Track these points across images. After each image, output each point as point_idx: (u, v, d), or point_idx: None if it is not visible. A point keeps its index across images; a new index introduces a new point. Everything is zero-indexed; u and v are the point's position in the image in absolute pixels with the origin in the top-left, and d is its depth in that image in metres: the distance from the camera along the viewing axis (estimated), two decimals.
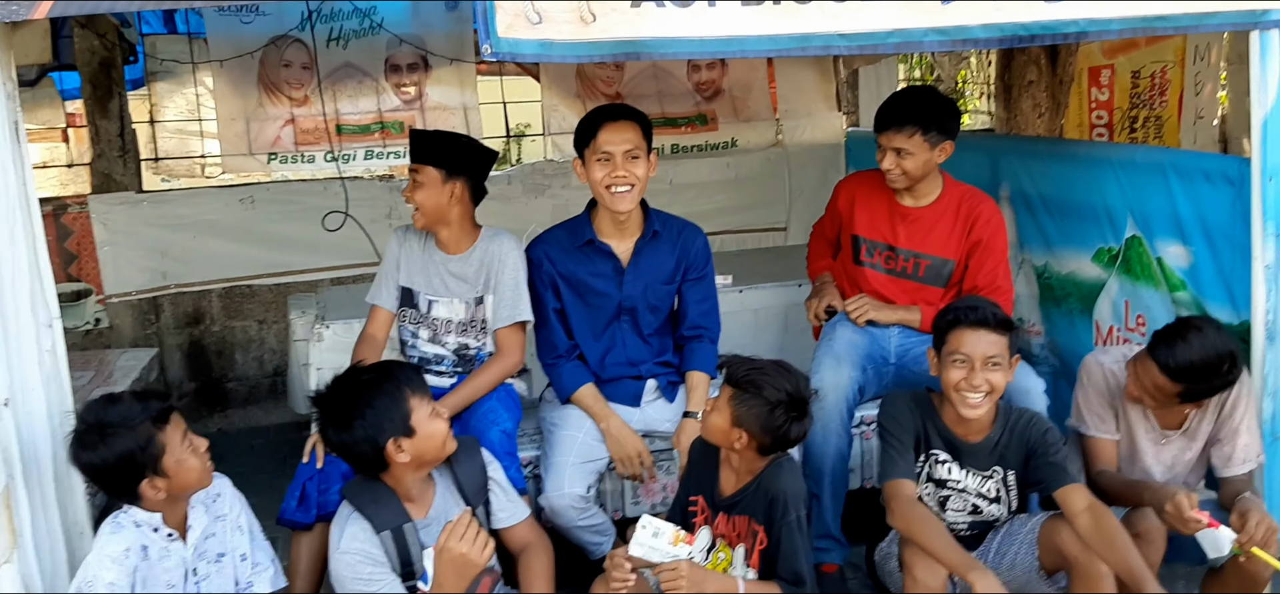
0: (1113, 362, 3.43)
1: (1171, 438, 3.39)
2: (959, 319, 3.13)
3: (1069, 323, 4.33)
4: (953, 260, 3.80)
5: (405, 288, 3.68)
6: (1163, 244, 3.78)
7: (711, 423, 3.01)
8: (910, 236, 3.82)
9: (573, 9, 2.66)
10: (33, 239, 2.76)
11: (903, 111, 3.67)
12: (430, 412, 2.89)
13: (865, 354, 3.75)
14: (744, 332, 4.44)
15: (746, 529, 3.03)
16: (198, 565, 2.80)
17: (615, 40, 2.70)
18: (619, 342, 3.66)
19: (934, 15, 2.89)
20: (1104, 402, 3.41)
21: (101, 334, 5.79)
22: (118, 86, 5.84)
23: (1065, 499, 3.04)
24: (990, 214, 3.81)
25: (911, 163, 3.67)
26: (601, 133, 3.44)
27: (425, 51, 6.14)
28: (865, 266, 3.90)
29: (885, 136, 3.69)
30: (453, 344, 3.65)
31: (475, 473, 3.06)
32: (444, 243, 3.63)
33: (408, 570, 2.88)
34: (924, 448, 3.23)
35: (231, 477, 4.97)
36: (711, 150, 6.75)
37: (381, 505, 2.90)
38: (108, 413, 2.62)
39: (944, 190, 3.81)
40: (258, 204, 5.92)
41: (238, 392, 6.18)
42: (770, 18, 2.81)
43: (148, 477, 2.62)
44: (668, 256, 3.65)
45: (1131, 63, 6.98)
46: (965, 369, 3.09)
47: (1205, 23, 3.06)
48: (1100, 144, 5.81)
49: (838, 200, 4.07)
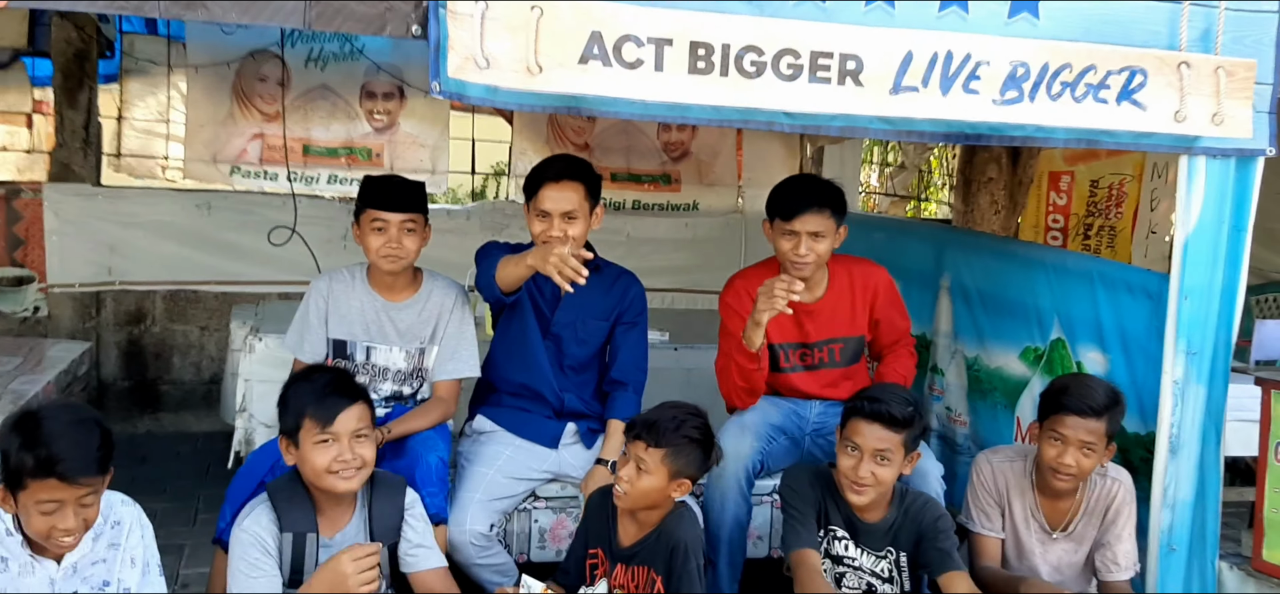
0: (1002, 461, 3.50)
1: (1058, 539, 3.45)
2: (857, 408, 3.18)
3: (992, 416, 4.39)
4: (863, 335, 3.85)
5: (336, 340, 3.62)
6: (1084, 349, 3.85)
7: (643, 488, 3.00)
8: (819, 327, 3.81)
9: (520, 59, 2.68)
10: None
11: (815, 194, 3.60)
12: (319, 441, 2.86)
13: (776, 427, 3.78)
14: (675, 390, 4.41)
15: (645, 579, 3.05)
16: (79, 588, 2.70)
17: (559, 94, 2.73)
18: (540, 365, 3.67)
19: (881, 104, 2.89)
20: (991, 499, 3.48)
21: (39, 323, 5.77)
22: (89, 79, 5.87)
23: (948, 585, 3.11)
24: (884, 279, 3.85)
25: (824, 245, 3.60)
26: (542, 190, 3.49)
27: (402, 82, 6.21)
28: (785, 372, 3.86)
29: (800, 221, 3.56)
30: (386, 391, 3.65)
31: (391, 513, 3.03)
32: (387, 289, 3.61)
33: (297, 577, 2.88)
34: (824, 523, 3.27)
35: (154, 479, 5.04)
36: (672, 210, 6.83)
37: (294, 507, 2.93)
38: (47, 417, 2.54)
39: (831, 271, 3.79)
40: (214, 211, 5.95)
41: (172, 395, 6.15)
42: (716, 88, 2.82)
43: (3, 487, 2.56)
44: (604, 295, 3.71)
45: (1091, 172, 7.12)
46: (855, 458, 3.15)
47: (1144, 142, 3.14)
48: (1036, 246, 5.91)
49: (739, 310, 3.72)
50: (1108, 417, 3.23)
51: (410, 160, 6.27)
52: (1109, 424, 3.24)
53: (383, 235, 3.47)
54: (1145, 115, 3.04)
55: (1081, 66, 2.96)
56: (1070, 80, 2.96)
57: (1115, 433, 3.30)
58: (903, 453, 3.16)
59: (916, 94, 2.91)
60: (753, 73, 2.82)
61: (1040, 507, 3.45)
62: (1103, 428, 3.22)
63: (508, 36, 2.64)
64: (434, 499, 3.31)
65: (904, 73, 2.87)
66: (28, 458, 2.49)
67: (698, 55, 2.78)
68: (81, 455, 2.53)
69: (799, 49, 2.82)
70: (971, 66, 2.90)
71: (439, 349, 3.63)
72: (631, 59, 2.75)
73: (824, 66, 2.84)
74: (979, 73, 2.91)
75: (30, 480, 2.50)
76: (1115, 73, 2.99)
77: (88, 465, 2.54)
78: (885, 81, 2.87)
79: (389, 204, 3.47)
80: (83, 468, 2.53)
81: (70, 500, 2.54)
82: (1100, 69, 2.98)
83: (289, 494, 2.95)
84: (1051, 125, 3.01)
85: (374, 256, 3.50)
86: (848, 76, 2.85)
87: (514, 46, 2.66)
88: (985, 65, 2.91)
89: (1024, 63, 2.93)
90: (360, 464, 2.90)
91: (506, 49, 2.67)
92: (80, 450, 2.53)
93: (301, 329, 3.62)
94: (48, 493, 2.51)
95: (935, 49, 2.88)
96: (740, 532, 3.58)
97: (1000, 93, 2.94)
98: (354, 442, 2.88)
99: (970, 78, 2.91)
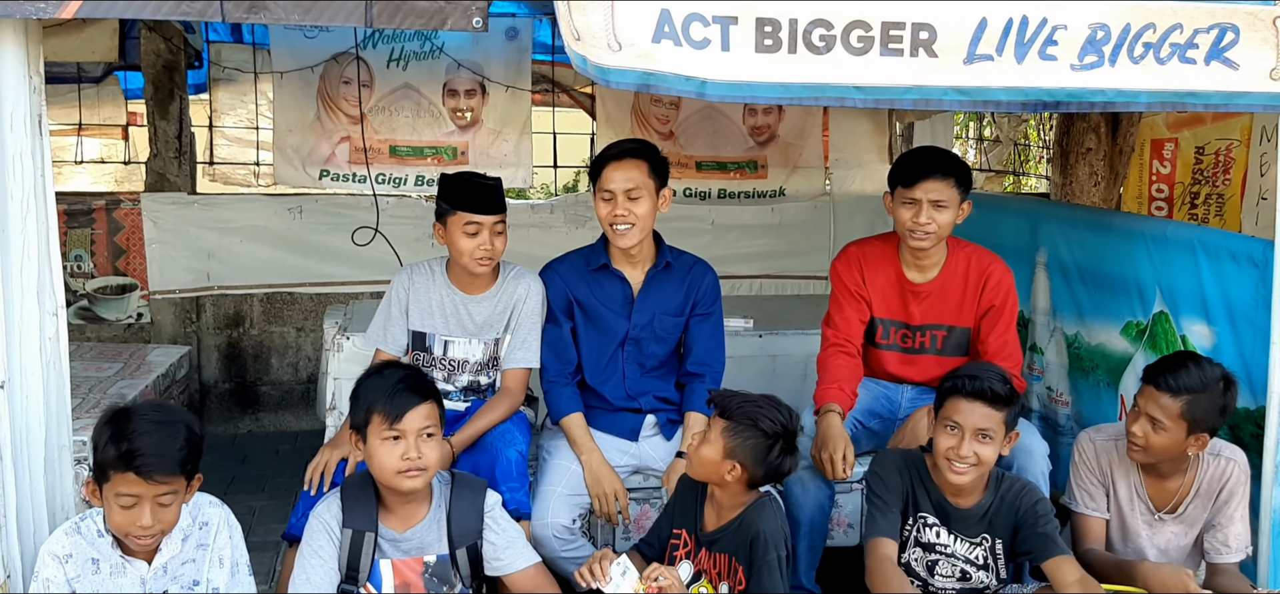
0: (1105, 439, 3.37)
1: (1166, 520, 3.31)
2: (958, 387, 3.08)
3: (1095, 395, 4.23)
4: (970, 327, 3.71)
5: (416, 331, 3.67)
6: (1188, 322, 3.68)
7: (701, 455, 3.00)
8: (925, 312, 3.70)
9: (602, 35, 2.69)
10: (47, 229, 2.84)
11: (939, 162, 3.54)
12: (386, 439, 2.87)
13: (865, 409, 3.69)
14: (761, 377, 4.40)
15: (727, 567, 3.02)
16: (170, 587, 2.78)
17: (637, 71, 2.72)
18: (621, 371, 3.68)
19: (955, 74, 2.81)
20: (1094, 479, 3.36)
21: (142, 329, 5.94)
22: (179, 90, 6.01)
23: (1055, 571, 2.99)
24: (1001, 275, 3.68)
25: (946, 216, 3.51)
26: (605, 171, 3.51)
27: (484, 78, 6.22)
28: (882, 349, 3.78)
29: (921, 187, 3.48)
30: (463, 382, 3.67)
31: (471, 517, 3.01)
32: (466, 284, 3.63)
33: (352, 573, 2.92)
34: (913, 510, 3.18)
35: (255, 478, 5.16)
36: (759, 197, 6.73)
37: (360, 505, 2.96)
38: (137, 415, 2.64)
39: (949, 254, 3.69)
40: (305, 214, 6.05)
41: (270, 395, 6.28)
42: (784, 65, 2.77)
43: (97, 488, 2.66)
44: (677, 289, 3.69)
45: (1196, 138, 6.81)
46: (955, 438, 3.05)
47: (1235, 102, 2.98)
48: (1134, 216, 5.68)
49: (846, 279, 3.75)
50: (1008, 411, 3.07)
51: (494, 156, 6.29)
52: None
53: (476, 239, 3.47)
54: (1237, 75, 2.88)
55: (1166, 26, 2.82)
56: (1154, 41, 2.82)
57: (1198, 417, 3.13)
58: (1004, 432, 3.06)
59: (992, 62, 2.81)
60: (822, 48, 2.76)
61: (1145, 487, 3.31)
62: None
63: (595, 11, 2.66)
64: (515, 494, 3.31)
65: (978, 41, 2.78)
66: (112, 450, 2.59)
67: (764, 32, 2.73)
68: (162, 453, 2.61)
69: (869, 21, 2.75)
70: (1048, 31, 2.79)
71: (511, 338, 3.64)
72: (699, 38, 2.72)
73: (895, 37, 2.76)
74: (1056, 38, 2.80)
75: (112, 473, 2.60)
76: (1203, 31, 2.84)
77: (167, 464, 2.61)
78: (959, 51, 2.78)
79: (482, 207, 3.47)
80: (161, 466, 2.60)
81: (147, 498, 2.61)
82: (1187, 28, 2.83)
83: (358, 492, 2.98)
84: (1134, 89, 2.88)
85: (466, 259, 3.51)
86: (920, 47, 2.77)
87: (598, 22, 2.67)
88: (1062, 30, 2.80)
89: (1104, 25, 2.81)
90: (425, 465, 2.89)
91: (592, 24, 2.68)
92: (161, 448, 2.61)
93: (384, 320, 3.67)
94: (127, 487, 2.60)
95: (1010, 15, 2.78)
96: (822, 517, 3.50)
97: (1078, 58, 2.82)
98: (420, 440, 2.88)
99: (1047, 43, 2.80)
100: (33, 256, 2.78)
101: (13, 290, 2.75)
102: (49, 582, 2.64)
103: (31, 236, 2.78)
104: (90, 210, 5.82)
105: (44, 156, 2.83)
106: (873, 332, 3.76)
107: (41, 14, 2.61)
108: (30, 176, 2.77)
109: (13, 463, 2.74)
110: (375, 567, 2.94)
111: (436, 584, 2.99)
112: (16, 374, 2.76)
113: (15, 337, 2.76)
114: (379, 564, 2.94)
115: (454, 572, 3.00)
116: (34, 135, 2.79)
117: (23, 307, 2.77)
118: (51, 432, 2.84)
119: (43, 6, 2.60)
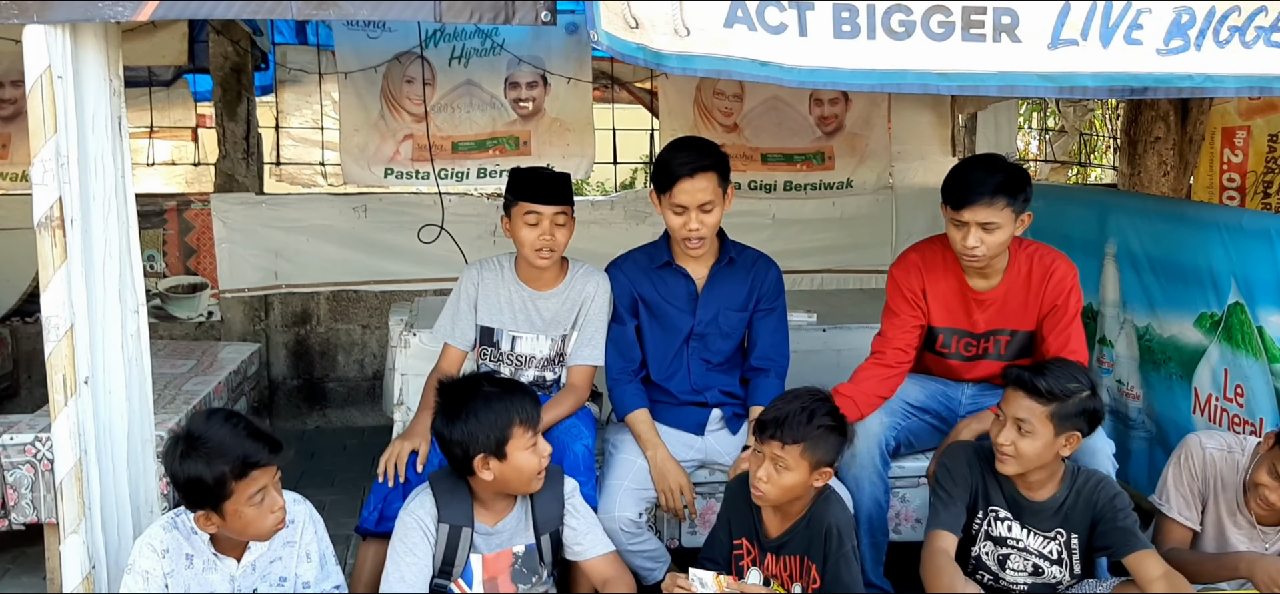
0: (1216, 448, 3.23)
1: (1269, 534, 3.16)
2: (1007, 375, 3.11)
3: (1167, 388, 4.15)
4: (1033, 330, 3.58)
5: (484, 327, 3.69)
6: (1265, 313, 3.60)
7: (785, 485, 2.95)
8: (990, 319, 3.57)
9: (668, 22, 2.68)
10: (128, 229, 2.91)
11: (988, 181, 3.28)
12: (530, 446, 2.96)
13: (917, 405, 3.65)
14: (826, 371, 4.36)
15: (800, 567, 3.00)
16: (259, 586, 2.84)
17: (706, 56, 2.71)
18: (686, 367, 3.68)
19: (1039, 60, 2.77)
20: (1195, 488, 3.23)
21: (213, 327, 6.05)
22: (247, 91, 6.10)
23: (1139, 566, 2.93)
24: (1064, 272, 3.50)
25: (998, 237, 3.30)
26: (678, 185, 3.45)
27: (544, 70, 6.24)
28: (945, 357, 3.68)
29: (969, 211, 3.28)
30: (529, 377, 3.68)
31: (553, 503, 3.10)
32: (534, 279, 3.65)
33: (447, 569, 2.98)
34: (983, 504, 3.14)
35: (323, 473, 5.23)
36: (824, 189, 6.67)
37: (455, 500, 3.01)
38: (205, 431, 2.66)
39: (1011, 257, 3.51)
40: (370, 213, 6.11)
41: (337, 392, 6.36)
42: (863, 51, 2.74)
43: (205, 509, 2.68)
44: (741, 284, 3.67)
45: (1270, 125, 6.65)
46: (999, 425, 3.06)
47: None
48: (1208, 206, 5.56)
49: (904, 288, 3.59)
50: None
51: (557, 146, 6.29)
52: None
53: (536, 229, 3.49)
54: None
55: (1251, 9, 2.77)
56: (1239, 24, 2.77)
57: None
58: (1050, 428, 2.98)
59: (1076, 47, 2.77)
60: (901, 33, 2.73)
61: (1251, 504, 3.16)
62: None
63: None
64: (582, 489, 3.32)
65: (1062, 25, 2.74)
66: (222, 465, 2.61)
67: (842, 17, 2.71)
68: (253, 440, 2.68)
69: (949, 5, 2.72)
70: (1133, 15, 2.75)
71: (578, 335, 3.65)
72: (775, 23, 2.70)
73: (977, 22, 2.73)
74: (1141, 21, 2.75)
75: (236, 483, 2.63)
76: None
77: (260, 448, 2.68)
78: (1043, 36, 2.75)
79: (542, 197, 3.49)
80: (261, 449, 2.68)
81: (269, 481, 2.70)
82: (1272, 11, 2.77)
83: (450, 486, 3.03)
84: (1221, 74, 2.82)
85: (527, 250, 3.53)
86: (1003, 32, 2.74)
87: (662, 9, 2.66)
88: (1147, 13, 2.75)
89: (1188, 9, 2.76)
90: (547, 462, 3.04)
91: (654, 12, 2.67)
92: (250, 438, 2.68)
93: (453, 315, 3.70)
94: (253, 485, 2.66)
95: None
96: (880, 511, 3.47)
97: (1164, 42, 2.77)
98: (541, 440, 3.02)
99: (1132, 27, 2.76)
100: (114, 255, 2.85)
101: (95, 289, 2.82)
102: (147, 573, 2.70)
103: (113, 236, 2.85)
104: (162, 211, 5.93)
105: (124, 157, 2.89)
106: (933, 340, 3.64)
107: (121, 16, 2.67)
108: (111, 177, 2.84)
109: (97, 458, 2.81)
110: (467, 562, 3.00)
111: (525, 575, 3.06)
112: (100, 370, 2.83)
113: (98, 334, 2.83)
114: (470, 559, 3.00)
115: (540, 561, 3.07)
116: (114, 137, 2.86)
117: (105, 304, 2.84)
118: (134, 426, 2.91)
119: (122, 8, 2.66)
